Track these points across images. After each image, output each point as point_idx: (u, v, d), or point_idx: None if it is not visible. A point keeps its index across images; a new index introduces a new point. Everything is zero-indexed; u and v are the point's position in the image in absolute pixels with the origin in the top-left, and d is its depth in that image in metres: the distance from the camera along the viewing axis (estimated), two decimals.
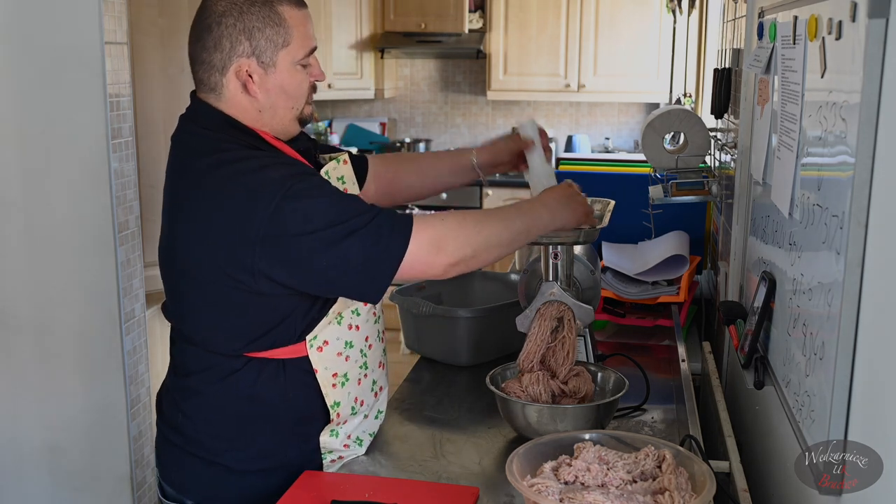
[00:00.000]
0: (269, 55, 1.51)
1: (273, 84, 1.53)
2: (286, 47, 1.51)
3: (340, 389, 1.61)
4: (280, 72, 1.52)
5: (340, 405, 1.62)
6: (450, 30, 5.48)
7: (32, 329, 2.36)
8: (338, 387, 1.61)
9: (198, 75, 1.55)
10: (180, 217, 1.54)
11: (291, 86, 1.54)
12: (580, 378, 1.71)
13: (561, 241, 1.78)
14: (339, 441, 1.63)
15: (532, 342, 1.73)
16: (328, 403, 1.60)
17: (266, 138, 1.56)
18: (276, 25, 1.50)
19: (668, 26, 5.17)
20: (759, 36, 1.73)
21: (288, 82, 1.54)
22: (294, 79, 1.54)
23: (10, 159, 2.28)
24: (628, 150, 5.73)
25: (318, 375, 1.58)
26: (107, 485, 2.47)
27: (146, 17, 2.75)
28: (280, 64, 1.52)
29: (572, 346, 1.74)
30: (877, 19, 0.98)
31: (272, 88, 1.53)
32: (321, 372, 1.58)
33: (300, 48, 1.53)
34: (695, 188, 2.32)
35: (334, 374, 1.60)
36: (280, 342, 1.55)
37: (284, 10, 1.51)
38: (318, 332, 1.56)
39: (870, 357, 1.02)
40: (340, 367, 1.60)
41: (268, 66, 1.51)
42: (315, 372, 1.58)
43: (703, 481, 1.27)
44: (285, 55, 1.52)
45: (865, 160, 1.02)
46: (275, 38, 1.50)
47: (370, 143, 5.94)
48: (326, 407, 1.60)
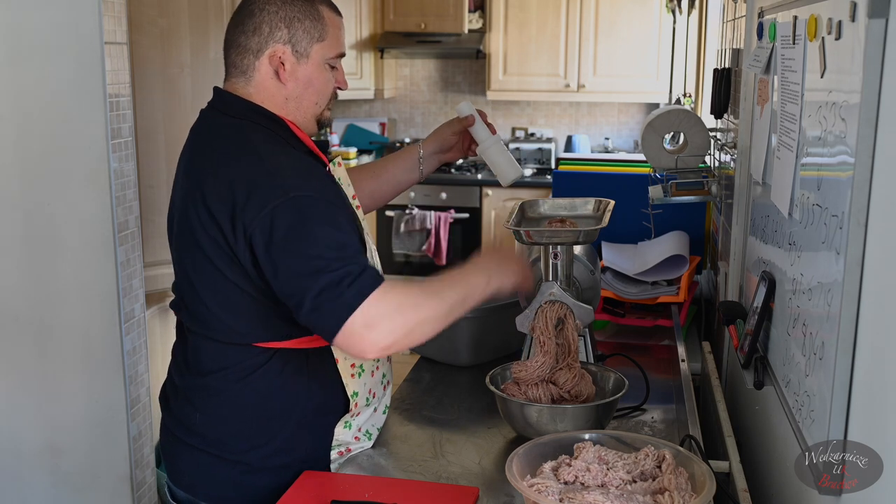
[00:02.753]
0: (304, 45, 1.58)
1: (303, 74, 1.59)
2: (321, 42, 1.59)
3: (358, 380, 1.65)
4: (311, 64, 1.59)
5: (358, 395, 1.65)
6: (449, 30, 5.48)
7: (32, 329, 2.36)
8: (356, 377, 1.65)
9: (230, 58, 1.61)
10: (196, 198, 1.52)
11: (319, 81, 1.61)
12: (582, 381, 1.71)
13: (560, 240, 1.78)
14: (350, 433, 1.66)
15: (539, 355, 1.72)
16: (348, 393, 1.63)
17: (291, 127, 1.59)
18: (314, 20, 1.58)
19: (667, 26, 5.17)
20: (759, 36, 1.73)
21: (316, 77, 1.60)
22: (322, 76, 1.61)
23: (10, 159, 2.28)
24: (628, 150, 5.73)
25: (339, 365, 1.62)
26: (107, 485, 2.46)
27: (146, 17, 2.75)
28: (313, 56, 1.59)
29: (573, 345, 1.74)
30: (876, 19, 0.98)
31: (301, 78, 1.59)
32: (341, 361, 1.62)
33: (333, 47, 1.61)
34: (694, 188, 2.32)
35: (352, 365, 1.63)
36: (299, 331, 1.54)
37: (324, 10, 1.60)
38: None
39: (869, 357, 1.02)
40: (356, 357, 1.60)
41: (301, 56, 1.58)
42: (336, 362, 1.61)
43: (703, 481, 1.27)
44: (319, 49, 1.59)
45: (865, 160, 1.02)
46: (312, 31, 1.58)
47: (370, 143, 5.94)
48: (343, 398, 1.63)
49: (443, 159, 2.00)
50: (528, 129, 5.91)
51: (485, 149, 1.91)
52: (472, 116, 1.92)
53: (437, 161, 2.00)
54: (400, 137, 6.10)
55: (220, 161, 1.52)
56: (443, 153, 1.99)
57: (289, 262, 1.43)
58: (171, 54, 2.82)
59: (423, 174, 2.00)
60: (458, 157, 2.01)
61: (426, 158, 1.98)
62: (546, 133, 5.89)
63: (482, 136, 1.92)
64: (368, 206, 1.96)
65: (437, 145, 1.97)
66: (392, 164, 2.01)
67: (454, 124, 1.96)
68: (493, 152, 1.90)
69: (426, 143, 1.98)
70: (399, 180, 2.00)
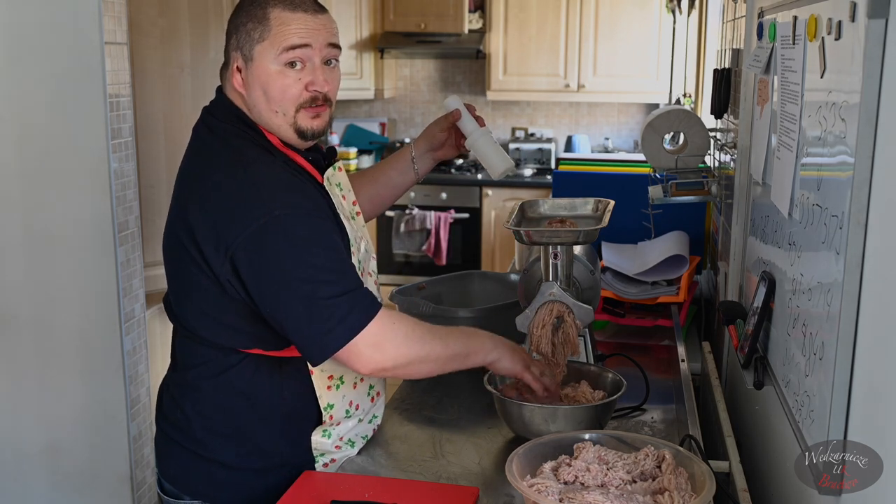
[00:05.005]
0: (248, 48, 1.55)
1: (252, 79, 1.55)
2: (262, 42, 1.53)
3: (335, 392, 1.62)
4: (257, 67, 1.54)
5: (334, 407, 1.62)
6: (450, 30, 5.48)
7: (32, 329, 2.36)
8: (332, 389, 1.62)
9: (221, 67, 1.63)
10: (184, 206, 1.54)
11: (272, 87, 1.53)
12: (581, 388, 1.72)
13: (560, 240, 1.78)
14: (330, 442, 1.63)
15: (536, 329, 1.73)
16: (321, 405, 1.61)
17: (272, 140, 1.57)
18: (256, 21, 1.53)
19: (667, 26, 5.17)
20: (759, 36, 1.73)
21: (266, 81, 1.53)
22: (276, 80, 1.53)
23: (10, 159, 2.28)
24: (628, 150, 5.73)
25: (314, 377, 1.59)
26: (107, 485, 2.47)
27: (146, 17, 2.75)
28: (257, 59, 1.54)
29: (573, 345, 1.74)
30: (876, 19, 0.98)
31: (252, 83, 1.55)
32: (316, 373, 1.59)
33: (276, 44, 1.52)
34: (694, 188, 2.32)
35: (329, 377, 1.61)
36: (279, 341, 1.55)
37: (274, 10, 1.53)
38: None
39: (869, 357, 1.02)
40: (336, 370, 1.60)
41: (248, 60, 1.55)
42: (311, 373, 1.59)
43: (703, 481, 1.27)
44: (261, 50, 1.53)
45: (865, 160, 1.02)
46: (252, 33, 1.54)
47: (370, 144, 5.94)
48: (317, 408, 1.61)
49: (437, 157, 1.98)
50: (527, 130, 5.91)
51: (473, 141, 1.88)
52: (457, 110, 1.88)
53: (431, 160, 1.97)
54: (400, 137, 6.10)
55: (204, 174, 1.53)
56: (434, 151, 1.96)
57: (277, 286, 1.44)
58: (171, 54, 2.82)
59: (418, 175, 1.98)
60: (451, 154, 1.97)
61: (419, 158, 1.96)
62: (546, 133, 5.89)
63: (469, 128, 1.89)
64: (369, 212, 1.94)
65: (428, 144, 1.95)
66: (387, 167, 2.00)
67: (442, 121, 1.93)
68: (480, 144, 1.87)
69: (417, 143, 1.96)
70: (396, 183, 1.99)
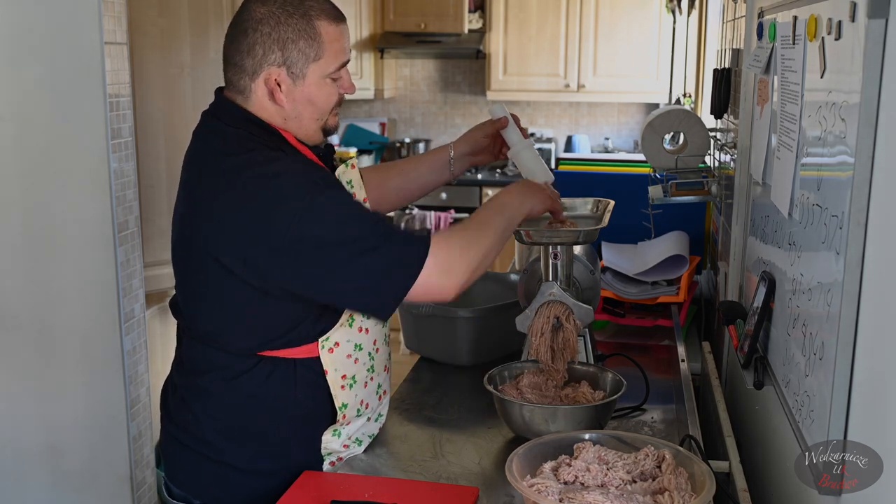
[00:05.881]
0: (299, 67, 1.52)
1: (300, 95, 1.54)
2: (317, 61, 1.53)
3: (349, 391, 1.62)
4: (308, 84, 1.54)
5: (348, 407, 1.62)
6: (449, 30, 5.48)
7: (32, 329, 2.36)
8: (346, 388, 1.62)
9: (227, 75, 1.57)
10: (201, 215, 1.53)
11: (319, 98, 1.56)
12: (581, 388, 1.72)
13: (560, 240, 1.79)
14: (339, 441, 1.64)
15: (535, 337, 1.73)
16: (337, 405, 1.61)
17: (288, 139, 1.58)
18: (310, 39, 1.51)
19: (667, 26, 5.17)
20: (759, 36, 1.73)
21: (316, 94, 1.55)
22: (322, 91, 1.56)
23: (10, 159, 2.28)
24: (628, 150, 5.73)
25: (329, 377, 1.59)
26: (107, 485, 2.46)
27: (146, 17, 2.75)
28: (310, 77, 1.54)
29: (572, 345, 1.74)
30: (876, 19, 0.98)
31: (299, 99, 1.55)
32: (331, 373, 1.59)
33: (331, 63, 1.55)
34: (694, 188, 2.32)
35: (343, 376, 1.61)
36: (294, 342, 1.55)
37: (321, 24, 1.53)
38: (331, 334, 1.57)
39: (869, 357, 1.02)
40: (349, 369, 1.61)
41: (297, 78, 1.53)
42: (325, 373, 1.59)
43: (703, 481, 1.27)
44: (315, 68, 1.53)
45: (865, 160, 1.02)
46: (307, 51, 1.52)
47: (370, 144, 5.94)
48: (332, 408, 1.61)
49: (474, 161, 1.97)
50: (528, 130, 5.90)
51: (517, 152, 1.87)
52: (505, 118, 1.87)
53: (468, 163, 1.96)
54: (400, 137, 6.10)
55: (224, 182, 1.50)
56: (474, 155, 1.95)
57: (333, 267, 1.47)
58: (171, 54, 2.82)
59: (453, 175, 1.97)
60: (488, 160, 1.97)
61: (457, 160, 1.94)
62: (546, 133, 5.89)
63: (514, 139, 1.88)
64: (394, 204, 1.95)
65: (469, 147, 1.94)
66: (421, 164, 1.99)
67: (487, 126, 1.91)
68: (524, 157, 1.86)
69: (457, 145, 1.95)
70: (427, 180, 1.98)
